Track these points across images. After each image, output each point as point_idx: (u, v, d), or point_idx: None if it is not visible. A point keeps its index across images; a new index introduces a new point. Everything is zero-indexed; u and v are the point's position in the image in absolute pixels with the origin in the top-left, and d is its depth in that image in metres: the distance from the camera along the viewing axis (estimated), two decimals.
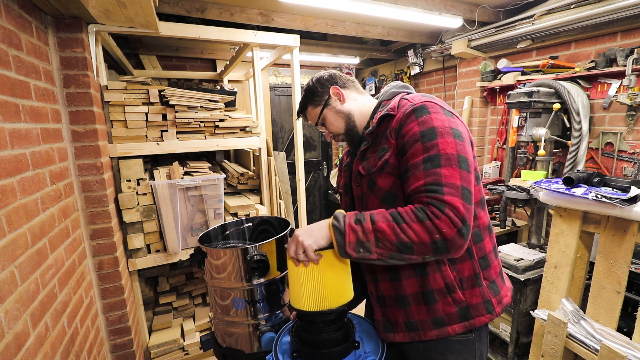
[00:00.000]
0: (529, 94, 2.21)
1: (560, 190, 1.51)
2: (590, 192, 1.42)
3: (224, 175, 1.98)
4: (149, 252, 1.90)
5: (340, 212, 0.89)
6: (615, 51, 2.11)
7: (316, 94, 1.07)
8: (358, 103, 1.07)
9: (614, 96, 2.17)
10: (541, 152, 2.22)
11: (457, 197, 0.79)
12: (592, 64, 2.26)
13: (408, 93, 1.02)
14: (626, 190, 1.37)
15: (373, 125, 0.97)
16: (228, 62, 2.86)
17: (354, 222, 0.83)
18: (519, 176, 2.42)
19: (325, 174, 4.78)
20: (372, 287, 1.03)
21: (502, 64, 2.82)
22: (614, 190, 1.43)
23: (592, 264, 1.53)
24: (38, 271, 1.15)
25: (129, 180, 1.77)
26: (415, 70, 3.51)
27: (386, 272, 0.97)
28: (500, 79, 2.87)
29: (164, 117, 1.84)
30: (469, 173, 0.83)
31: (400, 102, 0.95)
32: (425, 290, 0.92)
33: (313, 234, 0.87)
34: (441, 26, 2.95)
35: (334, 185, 4.66)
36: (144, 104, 1.78)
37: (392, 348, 1.01)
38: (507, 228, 2.59)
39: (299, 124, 2.33)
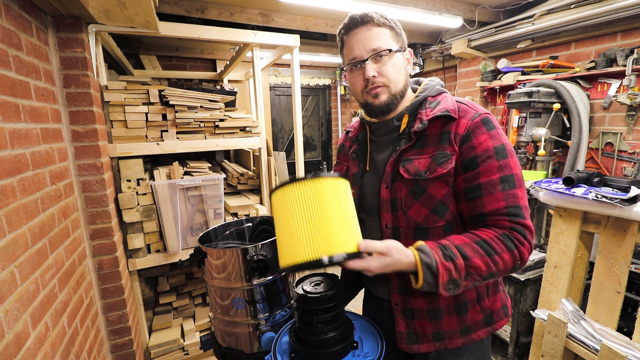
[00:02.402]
0: (529, 94, 2.21)
1: (560, 190, 1.51)
2: (590, 192, 1.42)
3: (224, 175, 1.98)
4: (149, 252, 1.90)
5: (423, 244, 0.79)
6: (615, 51, 2.11)
7: (400, 32, 0.90)
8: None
9: (614, 96, 2.17)
10: (541, 152, 2.22)
11: (530, 220, 0.80)
12: (592, 64, 2.26)
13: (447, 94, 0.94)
14: (626, 190, 1.37)
15: (424, 123, 0.86)
16: (228, 62, 2.86)
17: (445, 259, 0.76)
18: None
19: None
20: (397, 299, 0.95)
21: (502, 64, 2.82)
22: (614, 190, 1.43)
23: (592, 264, 1.53)
24: (38, 271, 1.15)
25: (129, 180, 1.77)
26: (415, 70, 3.51)
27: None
28: (500, 79, 2.87)
29: (164, 117, 1.84)
30: None
31: (460, 106, 0.86)
32: (460, 301, 0.91)
33: (394, 269, 0.78)
34: (441, 26, 2.95)
35: None
36: (144, 104, 1.78)
37: (393, 350, 1.00)
38: None
39: (299, 124, 2.33)
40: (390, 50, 0.85)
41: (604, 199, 1.33)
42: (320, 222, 0.72)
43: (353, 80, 0.91)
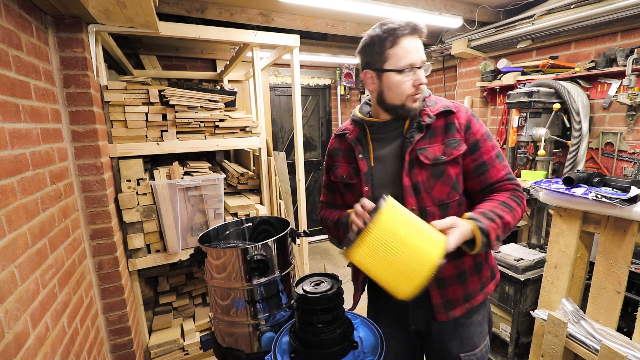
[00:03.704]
0: (529, 94, 2.21)
1: (560, 190, 1.51)
2: (590, 192, 1.42)
3: (224, 175, 1.98)
4: (149, 252, 1.90)
5: (471, 214, 0.94)
6: (615, 51, 2.11)
7: None
8: None
9: (614, 96, 2.17)
10: (541, 152, 2.22)
11: None
12: (592, 64, 2.25)
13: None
14: (626, 190, 1.38)
15: (432, 117, 1.02)
16: (228, 62, 2.86)
17: (491, 221, 0.93)
18: (519, 176, 2.42)
19: None
20: None
21: (502, 64, 2.82)
22: (614, 190, 1.43)
23: (592, 264, 1.53)
24: (38, 271, 1.15)
25: (129, 180, 1.77)
26: None
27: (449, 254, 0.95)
28: (500, 79, 2.87)
29: (164, 117, 1.84)
30: None
31: (453, 102, 1.06)
32: (477, 260, 1.09)
33: (463, 237, 0.91)
34: (441, 26, 2.95)
35: None
36: (144, 104, 1.78)
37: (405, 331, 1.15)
38: None
39: (299, 124, 2.33)
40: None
41: (604, 199, 1.33)
42: (411, 246, 0.80)
43: (399, 83, 0.97)
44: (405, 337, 1.19)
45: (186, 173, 1.97)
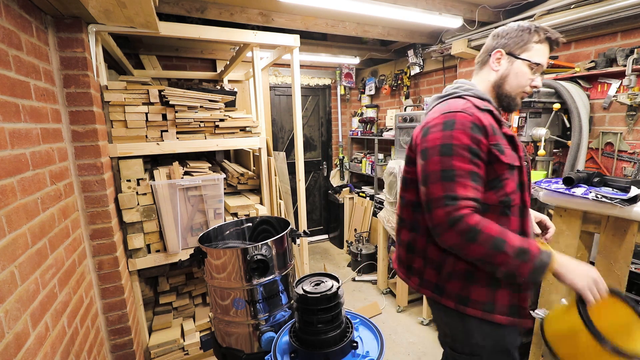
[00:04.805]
0: (529, 94, 2.21)
1: (560, 190, 1.51)
2: (590, 192, 1.42)
3: (224, 175, 1.98)
4: (149, 252, 1.90)
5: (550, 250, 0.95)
6: (615, 51, 2.11)
7: None
8: None
9: (614, 96, 2.17)
10: (541, 152, 2.22)
11: None
12: (592, 64, 2.25)
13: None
14: (626, 190, 1.37)
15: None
16: (228, 62, 2.86)
17: None
18: None
19: (325, 174, 4.78)
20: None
21: None
22: (614, 190, 1.43)
23: (592, 264, 1.53)
24: (38, 271, 1.15)
25: (129, 180, 1.77)
26: (415, 70, 3.51)
27: None
28: None
29: (164, 117, 1.84)
30: None
31: None
32: None
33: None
34: (441, 26, 2.95)
35: (334, 185, 4.66)
36: (144, 104, 1.78)
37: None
38: None
39: (299, 124, 2.33)
40: None
41: (604, 199, 1.33)
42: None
43: (525, 74, 1.07)
44: None
45: (186, 173, 1.97)
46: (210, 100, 1.94)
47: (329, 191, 4.69)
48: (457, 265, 1.04)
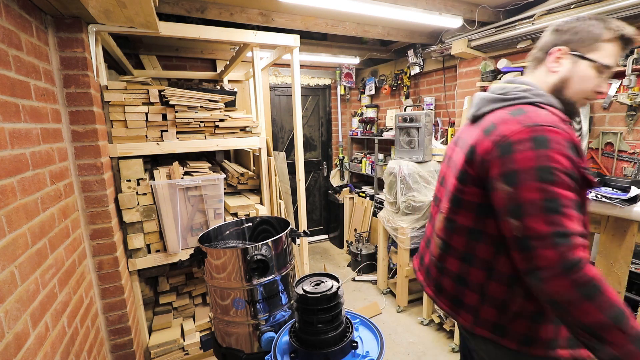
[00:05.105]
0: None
1: None
2: (590, 192, 1.42)
3: (224, 175, 1.98)
4: (149, 252, 1.90)
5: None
6: None
7: None
8: None
9: (614, 96, 2.17)
10: None
11: None
12: None
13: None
14: (626, 190, 1.38)
15: None
16: (228, 62, 2.86)
17: None
18: None
19: (325, 174, 4.78)
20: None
21: (502, 64, 2.82)
22: (614, 190, 1.43)
23: (592, 264, 1.53)
24: (38, 271, 1.15)
25: (129, 180, 1.77)
26: (415, 70, 3.51)
27: None
28: (500, 79, 2.87)
29: (164, 117, 1.84)
30: None
31: None
32: None
33: None
34: (441, 26, 2.95)
35: (334, 185, 4.66)
36: (144, 104, 1.78)
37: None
38: None
39: (299, 124, 2.33)
40: None
41: (604, 199, 1.33)
42: None
43: (590, 78, 0.90)
44: None
45: (186, 173, 1.97)
46: (210, 100, 1.95)
47: (329, 191, 4.69)
48: (526, 305, 0.90)
